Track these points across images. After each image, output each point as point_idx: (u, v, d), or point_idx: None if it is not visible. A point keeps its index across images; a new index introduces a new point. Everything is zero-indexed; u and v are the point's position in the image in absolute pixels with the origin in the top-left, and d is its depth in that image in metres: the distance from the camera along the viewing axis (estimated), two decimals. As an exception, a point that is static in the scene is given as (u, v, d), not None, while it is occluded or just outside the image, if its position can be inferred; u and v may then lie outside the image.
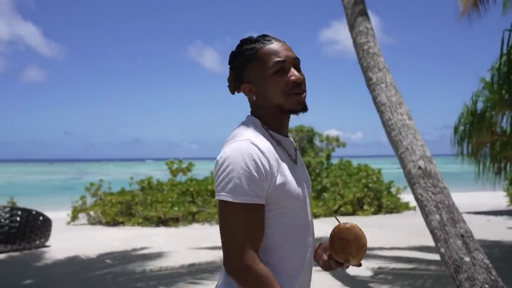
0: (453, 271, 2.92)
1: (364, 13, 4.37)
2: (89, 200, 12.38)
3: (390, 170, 16.85)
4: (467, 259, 2.89)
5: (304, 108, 1.27)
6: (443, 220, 3.10)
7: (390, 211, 12.73)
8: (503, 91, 11.69)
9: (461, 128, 13.21)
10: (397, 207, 12.82)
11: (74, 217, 11.64)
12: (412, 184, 3.45)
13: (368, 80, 4.05)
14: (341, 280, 5.01)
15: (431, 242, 7.16)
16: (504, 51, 5.18)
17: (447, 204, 3.20)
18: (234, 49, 1.32)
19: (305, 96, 1.27)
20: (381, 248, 6.77)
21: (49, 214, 13.20)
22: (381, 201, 12.77)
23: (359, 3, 4.43)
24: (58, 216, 12.39)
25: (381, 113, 3.86)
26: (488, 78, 12.34)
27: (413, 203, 13.12)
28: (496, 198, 11.99)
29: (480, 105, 12.43)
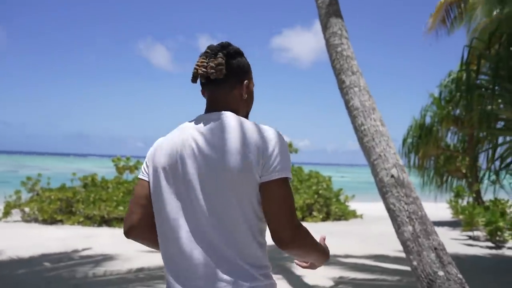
0: (426, 285, 2.81)
1: (338, 15, 4.24)
2: (25, 196, 11.50)
3: (335, 178, 17.12)
4: (441, 273, 2.80)
5: None
6: (416, 232, 3.00)
7: (338, 218, 12.87)
8: (450, 107, 12.30)
9: (409, 140, 13.73)
10: (345, 215, 12.99)
11: (6, 213, 10.75)
12: (384, 193, 3.33)
13: (340, 83, 3.91)
14: (299, 289, 4.84)
15: (385, 251, 7.27)
16: (463, 66, 5.29)
17: (420, 215, 3.10)
18: (218, 48, 1.37)
19: None
20: (336, 256, 6.69)
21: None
22: (330, 208, 12.88)
23: (333, 3, 4.30)
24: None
25: (353, 117, 3.73)
26: (436, 94, 12.95)
27: (360, 211, 13.39)
28: (438, 210, 12.45)
29: (428, 120, 13.00)
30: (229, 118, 1.27)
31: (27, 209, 11.00)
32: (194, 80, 1.33)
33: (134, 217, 1.32)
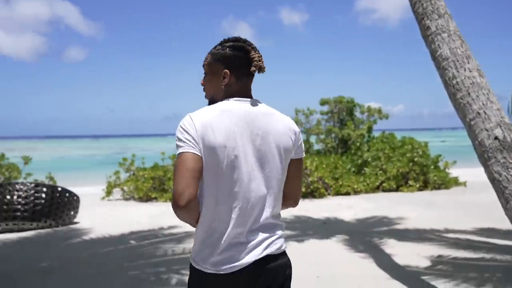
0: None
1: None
2: (124, 176, 12.25)
3: (434, 143, 15.69)
4: None
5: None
6: (531, 207, 2.35)
7: (438, 187, 11.78)
8: None
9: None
10: (445, 183, 11.85)
11: (108, 193, 11.55)
12: (485, 159, 2.68)
13: (424, 29, 3.24)
14: (388, 270, 4.34)
15: (494, 224, 6.36)
16: None
17: (535, 186, 2.43)
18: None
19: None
20: (435, 231, 5.99)
21: (87, 189, 13.33)
22: (427, 176, 11.83)
23: None
24: (95, 191, 12.34)
25: (442, 69, 3.07)
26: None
27: (463, 178, 12.11)
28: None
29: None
30: (266, 105, 1.58)
31: (125, 188, 11.71)
32: (259, 71, 1.56)
33: (192, 191, 1.40)
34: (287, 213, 8.08)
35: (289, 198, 1.62)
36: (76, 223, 7.45)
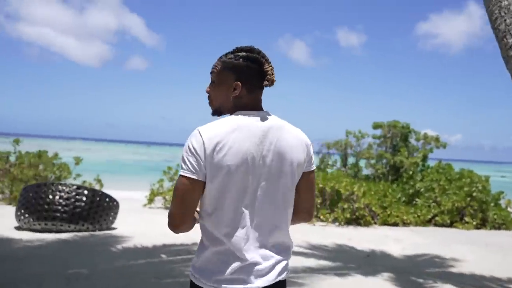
0: None
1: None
2: (168, 184, 12.25)
3: (494, 178, 14.49)
4: None
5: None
6: None
7: (498, 227, 10.77)
8: None
9: None
10: (507, 223, 10.81)
11: (150, 200, 11.56)
12: None
13: (506, 49, 2.79)
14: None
15: None
16: None
17: None
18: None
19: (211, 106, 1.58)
20: (496, 280, 5.31)
21: (133, 193, 13.47)
22: (486, 214, 10.86)
23: None
24: (140, 196, 12.41)
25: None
26: None
27: (528, 220, 11.01)
28: None
29: None
30: (276, 118, 1.52)
31: (167, 197, 11.67)
32: (270, 85, 1.50)
33: (186, 218, 1.41)
34: (328, 240, 7.60)
35: (302, 212, 1.60)
36: (113, 228, 7.39)
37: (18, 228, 6.95)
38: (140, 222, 8.41)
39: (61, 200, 6.82)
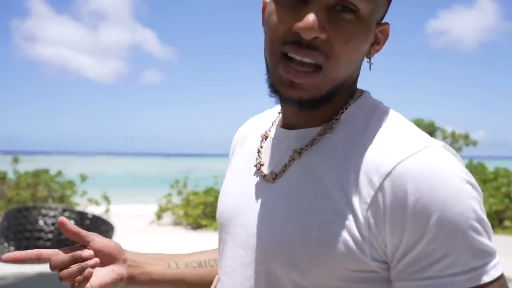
0: None
1: None
2: (177, 199, 11.53)
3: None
4: None
5: (287, 96, 0.67)
6: None
7: (543, 231, 9.65)
8: None
9: None
10: (553, 226, 9.68)
11: (158, 217, 10.85)
12: None
13: None
14: None
15: None
16: None
17: None
18: None
19: (305, 74, 0.64)
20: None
21: (143, 207, 12.77)
22: (529, 216, 9.76)
23: None
24: (149, 211, 11.68)
25: None
26: None
27: None
28: None
29: None
30: None
31: (178, 212, 10.97)
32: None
33: None
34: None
35: None
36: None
37: None
38: (142, 243, 7.64)
39: (44, 226, 6.06)
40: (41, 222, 6.11)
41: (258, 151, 0.78)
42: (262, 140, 0.79)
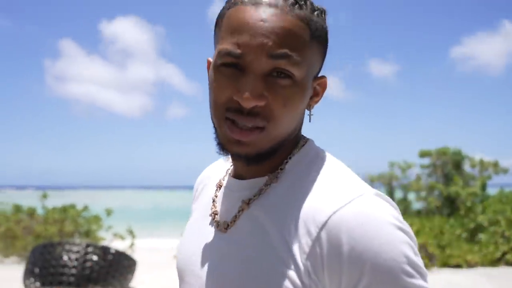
0: None
1: None
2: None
3: None
4: None
5: (235, 152, 0.73)
6: None
7: None
8: None
9: None
10: None
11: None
12: None
13: None
14: None
15: None
16: None
17: None
18: None
19: (248, 134, 0.70)
20: None
21: (169, 241, 12.79)
22: None
23: None
24: (172, 245, 11.67)
25: None
26: None
27: None
28: None
29: None
30: None
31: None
32: None
33: None
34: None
35: None
36: (131, 289, 6.60)
37: (26, 295, 6.29)
38: (164, 280, 7.59)
39: (68, 261, 6.13)
40: (65, 258, 6.20)
41: (213, 200, 0.82)
42: (216, 189, 0.84)
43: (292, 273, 0.65)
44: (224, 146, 0.73)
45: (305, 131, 0.81)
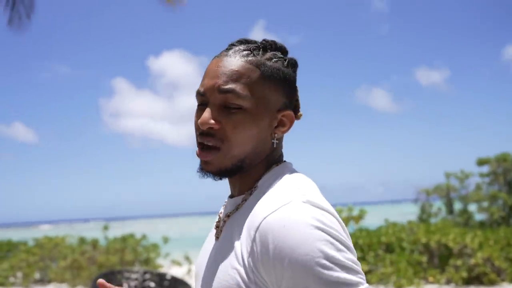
0: None
1: None
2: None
3: None
4: None
5: (203, 170, 0.92)
6: None
7: None
8: None
9: None
10: None
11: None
12: None
13: None
14: None
15: None
16: None
17: None
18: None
19: (206, 154, 0.89)
20: None
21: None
22: None
23: None
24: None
25: None
26: None
27: None
28: None
29: None
30: None
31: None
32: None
33: None
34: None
35: None
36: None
37: (92, 322, 6.57)
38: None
39: (129, 289, 6.37)
40: (125, 286, 6.45)
41: (218, 215, 1.02)
42: (223, 206, 1.04)
43: (242, 270, 0.80)
44: (200, 167, 0.92)
45: (350, 147, 0.87)
